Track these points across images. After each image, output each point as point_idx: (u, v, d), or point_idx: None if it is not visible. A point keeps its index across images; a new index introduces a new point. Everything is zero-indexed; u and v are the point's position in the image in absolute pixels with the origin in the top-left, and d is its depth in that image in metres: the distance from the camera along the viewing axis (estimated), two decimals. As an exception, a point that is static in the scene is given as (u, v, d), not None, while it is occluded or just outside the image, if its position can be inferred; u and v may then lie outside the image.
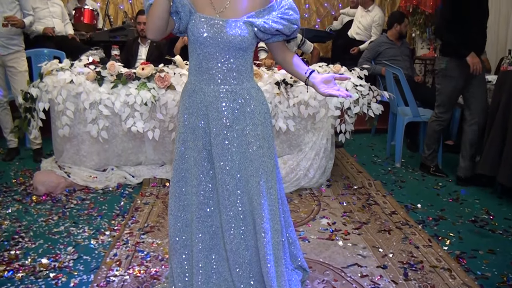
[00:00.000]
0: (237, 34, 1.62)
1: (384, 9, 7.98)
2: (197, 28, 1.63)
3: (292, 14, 1.67)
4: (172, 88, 3.30)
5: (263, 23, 1.64)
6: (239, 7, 1.67)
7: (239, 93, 1.69)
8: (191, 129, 1.72)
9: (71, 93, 3.29)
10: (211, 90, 1.68)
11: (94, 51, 4.01)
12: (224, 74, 1.66)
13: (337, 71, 3.49)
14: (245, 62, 1.69)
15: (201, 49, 1.65)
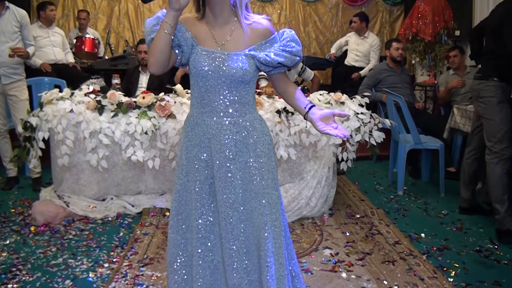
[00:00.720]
0: (238, 67, 1.62)
1: (383, 36, 8.08)
2: (199, 62, 1.63)
3: (294, 46, 1.67)
4: (173, 116, 3.31)
5: (265, 56, 1.64)
6: (241, 40, 1.67)
7: (242, 125, 1.68)
8: (193, 161, 1.71)
9: (71, 122, 3.29)
10: (213, 123, 1.67)
11: (95, 80, 4.04)
12: (226, 107, 1.66)
13: (338, 99, 3.50)
14: (247, 94, 1.69)
15: (203, 82, 1.65)
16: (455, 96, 5.00)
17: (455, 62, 5.06)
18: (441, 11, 6.10)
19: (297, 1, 8.00)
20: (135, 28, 7.66)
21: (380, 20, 8.18)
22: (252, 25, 1.67)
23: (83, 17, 6.37)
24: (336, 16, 8.08)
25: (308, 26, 8.07)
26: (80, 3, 7.45)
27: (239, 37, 1.67)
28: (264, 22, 1.69)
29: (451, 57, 5.08)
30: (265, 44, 1.67)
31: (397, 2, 8.10)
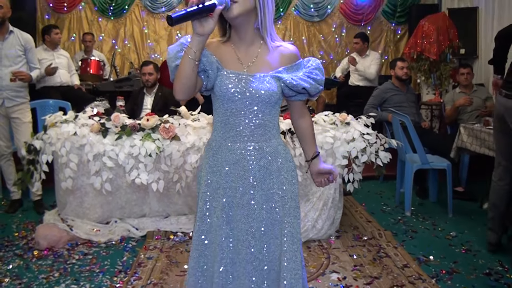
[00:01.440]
0: (265, 88, 1.60)
1: (388, 55, 8.12)
2: (225, 84, 1.61)
3: (318, 74, 1.66)
4: (177, 139, 3.30)
5: (291, 79, 1.62)
6: (267, 62, 1.65)
7: (266, 151, 1.65)
8: (214, 188, 1.67)
9: (74, 145, 3.29)
10: (237, 148, 1.64)
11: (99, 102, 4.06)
12: (251, 131, 1.63)
13: (343, 120, 3.48)
14: (272, 118, 1.66)
15: (228, 105, 1.62)
16: (461, 115, 4.98)
17: (467, 79, 5.05)
18: (445, 30, 6.11)
19: (301, 21, 8.06)
20: (140, 49, 7.74)
21: (384, 39, 8.21)
22: (279, 48, 1.66)
23: (89, 39, 6.45)
24: (340, 36, 8.13)
25: (312, 46, 8.11)
26: (85, 26, 7.54)
27: (265, 59, 1.65)
28: (291, 47, 1.68)
29: (464, 74, 5.05)
30: (290, 68, 1.65)
31: (401, 21, 8.14)
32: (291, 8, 7.96)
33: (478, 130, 4.06)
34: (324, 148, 3.35)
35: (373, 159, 3.39)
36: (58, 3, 7.36)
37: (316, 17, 8.05)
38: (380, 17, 8.17)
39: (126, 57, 7.65)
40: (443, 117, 5.67)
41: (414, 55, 6.35)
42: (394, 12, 8.08)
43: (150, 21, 7.73)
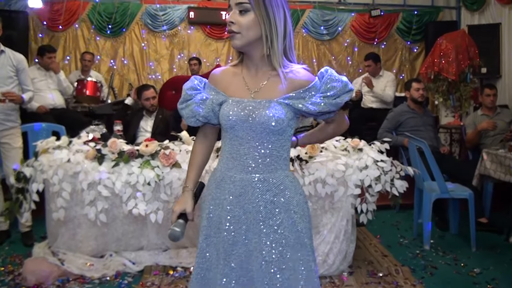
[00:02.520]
0: (270, 115, 1.60)
1: (403, 75, 8.15)
2: (227, 111, 1.63)
3: (336, 85, 1.64)
4: (178, 166, 3.30)
5: (302, 106, 1.63)
6: (275, 88, 1.66)
7: (272, 183, 1.64)
8: (216, 222, 1.66)
9: (68, 173, 3.29)
10: (241, 179, 1.64)
11: (95, 127, 4.08)
12: (256, 161, 1.63)
13: (356, 146, 3.47)
14: (280, 148, 1.65)
15: (232, 133, 1.64)
16: (484, 139, 4.95)
17: (493, 101, 5.04)
18: (465, 48, 6.15)
19: (310, 39, 8.15)
20: (140, 70, 7.83)
21: (399, 58, 8.28)
22: (289, 74, 1.66)
23: (88, 59, 6.52)
24: (352, 55, 8.21)
25: (322, 66, 8.08)
26: (82, 45, 7.65)
27: (274, 85, 1.66)
28: (302, 72, 1.68)
29: (490, 96, 5.03)
30: (304, 92, 1.64)
31: (417, 39, 8.21)
32: (299, 26, 8.05)
33: (502, 155, 4.03)
34: (335, 176, 3.34)
35: (388, 188, 3.36)
36: (52, 21, 7.47)
37: (326, 36, 8.14)
38: (394, 35, 8.25)
39: (125, 77, 7.74)
40: (463, 141, 5.64)
41: (431, 75, 6.37)
42: (409, 29, 8.16)
43: (150, 40, 7.84)
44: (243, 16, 1.60)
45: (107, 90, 6.58)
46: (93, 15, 7.54)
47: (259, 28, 1.60)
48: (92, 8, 7.55)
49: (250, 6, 1.59)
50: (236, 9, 1.61)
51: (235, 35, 1.61)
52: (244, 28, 1.60)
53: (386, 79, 6.35)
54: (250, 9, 1.59)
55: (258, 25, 1.60)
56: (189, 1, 7.82)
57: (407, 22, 8.14)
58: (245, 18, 1.60)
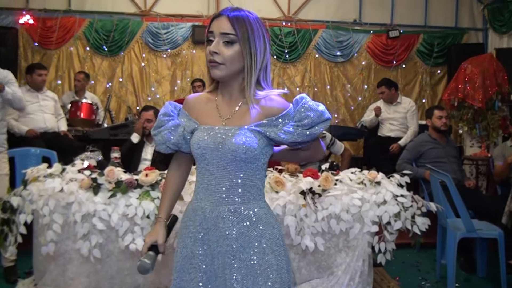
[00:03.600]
0: (240, 143, 1.65)
1: (424, 101, 8.18)
2: (196, 139, 1.70)
3: (310, 115, 1.69)
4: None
5: (274, 134, 1.69)
6: (247, 114, 1.72)
7: (244, 214, 1.69)
8: (188, 258, 1.72)
9: (60, 204, 3.30)
10: (212, 210, 1.69)
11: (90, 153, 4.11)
12: (227, 191, 1.68)
13: (373, 179, 3.48)
14: (253, 176, 1.71)
15: (203, 162, 1.71)
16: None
17: None
18: (492, 73, 6.16)
19: (323, 61, 8.23)
20: (139, 91, 7.91)
21: (419, 82, 8.33)
22: (262, 101, 1.73)
23: (80, 78, 6.60)
24: (367, 78, 8.27)
25: (336, 90, 8.23)
26: (76, 63, 7.75)
27: (246, 112, 1.72)
28: (276, 99, 1.74)
29: None
30: (276, 120, 1.70)
31: (439, 62, 8.27)
32: (311, 47, 8.14)
33: (533, 191, 4.03)
34: (350, 212, 3.34)
35: (408, 226, 3.36)
36: (44, 38, 7.58)
37: (340, 58, 8.23)
38: (414, 58, 8.34)
39: (123, 99, 7.83)
40: (491, 174, 5.64)
41: (454, 102, 6.39)
42: (430, 52, 8.24)
43: (151, 59, 7.94)
44: (227, 47, 1.68)
45: (103, 113, 6.64)
46: (89, 33, 7.67)
47: (242, 60, 1.68)
48: (89, 25, 7.68)
49: (236, 38, 1.67)
50: (221, 39, 1.68)
51: (218, 66, 1.68)
52: (228, 60, 1.67)
53: (405, 107, 6.36)
54: (236, 41, 1.67)
55: (241, 58, 1.68)
56: (193, 19, 7.95)
57: (428, 44, 8.22)
58: (230, 50, 1.67)
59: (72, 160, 3.82)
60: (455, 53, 7.69)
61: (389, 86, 6.47)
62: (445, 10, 8.28)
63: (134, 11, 7.85)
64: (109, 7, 7.75)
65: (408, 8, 8.24)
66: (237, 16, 1.69)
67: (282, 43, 7.98)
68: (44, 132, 5.48)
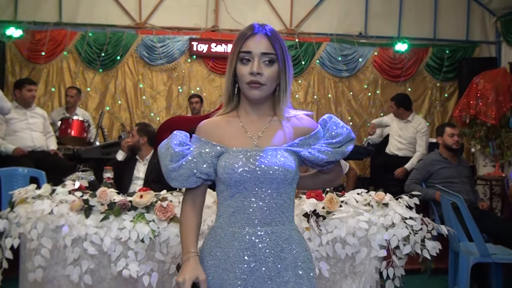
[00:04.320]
0: (279, 164, 1.68)
1: (434, 118, 8.20)
2: (231, 164, 1.70)
3: (341, 132, 1.77)
4: (176, 220, 3.31)
5: (308, 153, 1.73)
6: (279, 134, 1.76)
7: (280, 236, 1.71)
8: (218, 285, 1.71)
9: (49, 227, 3.29)
10: (245, 234, 1.69)
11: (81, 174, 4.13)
12: (264, 213, 1.70)
13: (380, 200, 3.49)
14: (288, 199, 1.74)
15: (236, 187, 1.71)
16: (530, 193, 4.96)
17: None
18: (506, 88, 6.19)
19: (327, 76, 8.29)
20: (134, 107, 7.96)
21: (429, 98, 8.36)
22: (292, 119, 1.79)
23: (73, 94, 6.63)
24: (374, 93, 8.32)
25: (340, 106, 8.27)
26: (67, 78, 7.82)
27: (277, 130, 1.77)
28: (305, 118, 1.82)
29: None
30: (307, 139, 1.76)
31: (450, 77, 8.30)
32: (315, 60, 8.20)
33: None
34: (357, 235, 3.34)
35: (418, 250, 3.35)
36: (33, 52, 7.65)
37: (345, 72, 8.28)
38: (423, 72, 8.39)
39: (116, 116, 7.87)
40: (506, 195, 5.64)
41: (466, 119, 6.41)
42: (440, 66, 8.28)
43: (146, 74, 8.00)
44: (269, 67, 1.73)
45: (95, 131, 6.65)
46: (81, 46, 7.74)
47: (278, 78, 1.74)
48: (81, 38, 7.76)
49: (276, 58, 1.72)
50: (262, 59, 1.72)
51: (260, 87, 1.71)
52: (269, 80, 1.73)
53: (414, 127, 6.32)
54: (275, 60, 1.73)
55: (278, 76, 1.74)
56: (190, 32, 8.02)
57: (437, 58, 8.27)
58: (271, 70, 1.73)
59: (62, 180, 3.82)
60: (466, 67, 7.71)
61: (398, 105, 6.42)
62: (455, 22, 8.34)
63: (128, 24, 7.94)
64: (102, 20, 7.83)
65: (416, 20, 8.30)
66: (274, 34, 1.75)
67: (284, 57, 8.01)
68: (32, 151, 5.49)
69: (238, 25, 7.77)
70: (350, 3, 8.28)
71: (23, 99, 5.55)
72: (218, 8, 8.01)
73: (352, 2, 8.28)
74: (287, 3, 8.15)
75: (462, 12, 8.27)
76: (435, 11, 8.25)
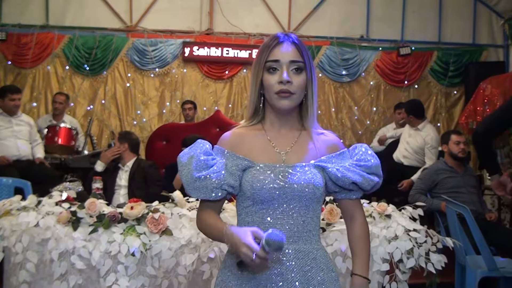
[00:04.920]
0: (308, 181, 1.70)
1: (439, 124, 8.20)
2: (259, 180, 1.70)
3: (370, 160, 1.77)
4: (169, 233, 3.31)
5: (335, 170, 1.73)
6: (307, 150, 1.77)
7: (307, 255, 1.72)
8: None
9: (35, 240, 3.29)
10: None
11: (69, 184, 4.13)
12: (291, 231, 1.71)
13: (383, 211, 3.49)
14: (315, 217, 1.76)
15: (261, 204, 1.71)
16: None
17: None
18: (515, 93, 6.21)
19: (326, 81, 8.28)
20: (124, 114, 7.95)
21: (434, 104, 8.36)
22: (321, 136, 1.81)
23: (61, 100, 6.62)
24: (376, 99, 8.32)
25: (341, 113, 8.26)
26: (54, 84, 7.81)
27: (305, 145, 1.78)
28: (332, 135, 1.84)
29: None
30: (334, 157, 1.77)
31: (456, 82, 8.32)
32: (314, 65, 8.14)
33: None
34: (358, 248, 3.34)
35: (422, 264, 3.35)
36: (19, 56, 7.64)
37: (346, 77, 8.29)
38: (427, 77, 8.40)
39: (106, 123, 7.86)
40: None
41: (472, 126, 6.41)
42: (445, 71, 8.29)
43: (137, 79, 7.99)
44: (298, 75, 1.74)
45: (84, 139, 6.64)
46: (69, 50, 7.74)
47: (306, 88, 1.76)
48: (69, 42, 7.75)
49: (304, 66, 1.74)
50: (290, 67, 1.74)
51: (290, 96, 1.72)
52: (299, 88, 1.74)
53: (424, 136, 6.21)
54: (303, 69, 1.75)
55: (305, 86, 1.75)
56: (184, 35, 8.02)
57: (442, 62, 8.29)
58: (300, 78, 1.74)
59: (49, 191, 3.82)
60: (473, 72, 7.72)
61: (408, 112, 6.36)
62: (461, 25, 8.38)
63: (118, 26, 7.96)
64: (91, 22, 7.84)
65: (420, 23, 8.34)
66: (300, 42, 1.78)
67: (282, 62, 8.01)
68: (17, 160, 5.48)
69: (234, 28, 7.80)
70: (351, 5, 8.32)
71: (5, 108, 5.54)
72: (212, 10, 8.02)
73: (353, 4, 8.32)
74: (285, 5, 8.17)
75: (468, 14, 8.32)
76: (439, 13, 8.30)
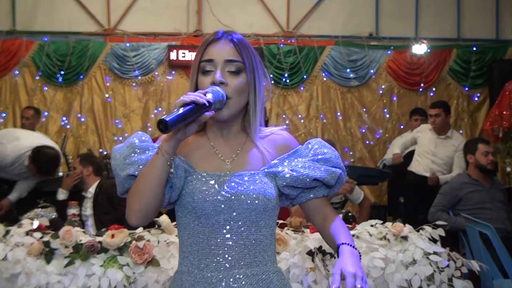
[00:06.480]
0: (260, 191, 1.66)
1: (462, 131, 8.12)
2: (200, 191, 1.66)
3: (328, 152, 1.75)
4: (155, 264, 3.31)
5: (290, 171, 1.70)
6: (255, 155, 1.75)
7: (260, 279, 1.69)
8: None
9: (2, 275, 3.29)
10: (220, 279, 1.66)
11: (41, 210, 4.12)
12: (240, 252, 1.67)
13: (398, 233, 3.49)
14: (268, 234, 1.72)
15: (205, 219, 1.67)
16: None
17: None
18: (546, 96, 6.22)
19: (333, 85, 8.28)
20: (103, 129, 7.94)
21: (455, 108, 8.27)
22: (269, 137, 1.78)
23: (29, 115, 6.62)
24: (390, 105, 8.31)
25: (350, 121, 8.24)
26: (23, 96, 7.81)
27: (253, 151, 1.75)
28: (284, 133, 1.81)
29: None
30: (287, 158, 1.75)
31: (479, 83, 8.30)
32: (317, 67, 8.20)
33: None
34: (371, 276, 3.33)
35: (445, 291, 3.36)
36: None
37: (353, 80, 8.26)
38: (446, 78, 8.39)
39: (83, 140, 7.84)
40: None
41: (499, 133, 6.40)
42: (467, 71, 8.27)
43: (117, 89, 8.00)
44: (234, 77, 1.70)
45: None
46: (39, 58, 7.74)
47: (247, 93, 1.73)
48: (39, 49, 7.76)
49: (243, 67, 1.71)
50: (226, 67, 1.70)
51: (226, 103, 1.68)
52: (236, 93, 1.70)
53: (455, 144, 6.16)
54: (242, 70, 1.71)
55: (247, 90, 1.72)
56: (169, 38, 8.03)
57: (463, 61, 8.27)
58: (237, 80, 1.70)
59: (18, 219, 3.82)
60: (497, 71, 7.69)
61: (447, 112, 6.26)
62: (482, 19, 8.39)
63: (95, 30, 7.99)
64: (65, 26, 7.87)
65: (436, 18, 8.35)
66: (240, 40, 1.73)
67: (281, 65, 8.07)
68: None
69: (226, 28, 7.68)
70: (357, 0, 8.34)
71: None
72: (201, 9, 8.04)
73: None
74: (282, 1, 8.19)
75: (490, 6, 8.32)
76: (457, 6, 8.30)
